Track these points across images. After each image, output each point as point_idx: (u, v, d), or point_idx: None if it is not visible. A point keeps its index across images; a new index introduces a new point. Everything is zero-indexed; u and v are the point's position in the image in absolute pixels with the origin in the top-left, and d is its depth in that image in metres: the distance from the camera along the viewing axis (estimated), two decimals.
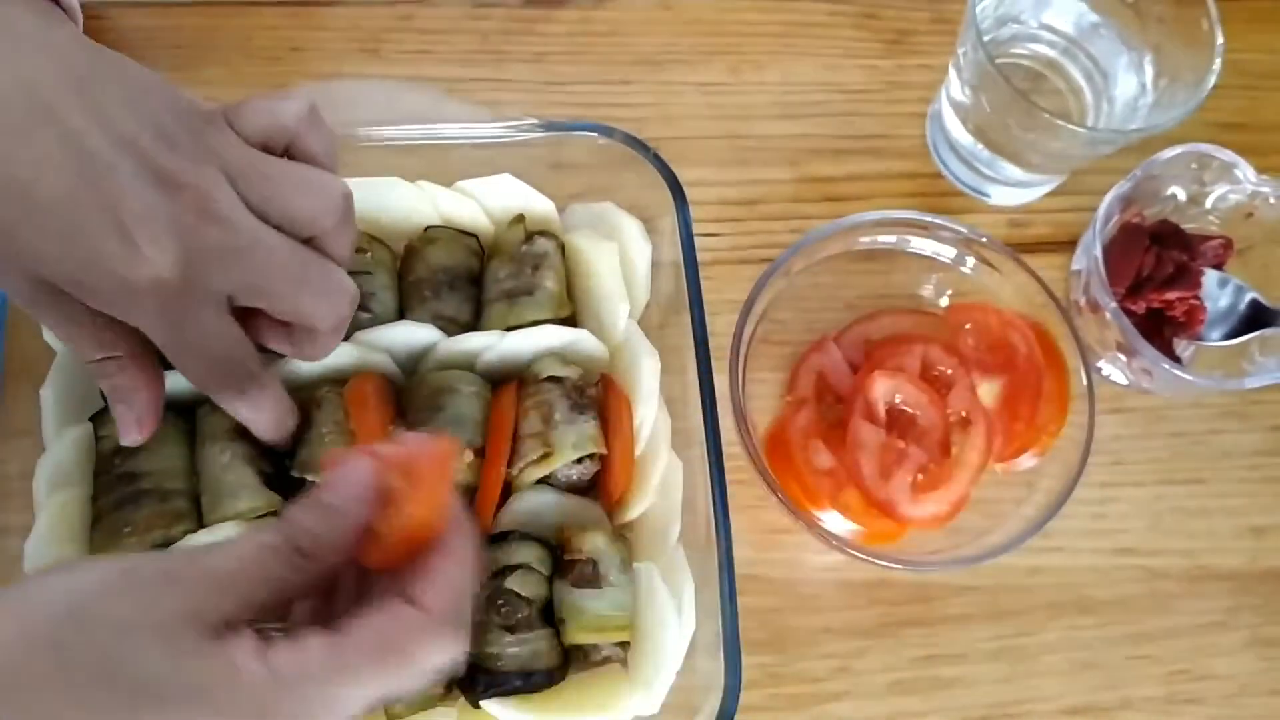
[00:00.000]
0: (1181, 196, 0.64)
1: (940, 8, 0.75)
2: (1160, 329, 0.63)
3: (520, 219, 0.59)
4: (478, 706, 0.50)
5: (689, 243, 0.55)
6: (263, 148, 0.44)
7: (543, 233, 0.59)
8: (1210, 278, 0.63)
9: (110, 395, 0.49)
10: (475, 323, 0.58)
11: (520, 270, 0.57)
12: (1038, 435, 0.61)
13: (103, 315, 0.43)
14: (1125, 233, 0.62)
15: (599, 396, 0.56)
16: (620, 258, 0.58)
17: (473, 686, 0.50)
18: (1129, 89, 0.65)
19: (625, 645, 0.52)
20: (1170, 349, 0.62)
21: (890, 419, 0.61)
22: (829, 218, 0.63)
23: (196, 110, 0.43)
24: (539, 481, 0.54)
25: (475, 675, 0.50)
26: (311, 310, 0.46)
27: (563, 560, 0.52)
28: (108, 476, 0.51)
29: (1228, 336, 0.63)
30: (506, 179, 0.58)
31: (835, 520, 0.60)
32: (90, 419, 0.53)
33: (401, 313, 0.58)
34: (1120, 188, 0.60)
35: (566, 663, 0.52)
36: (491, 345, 0.56)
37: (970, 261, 0.64)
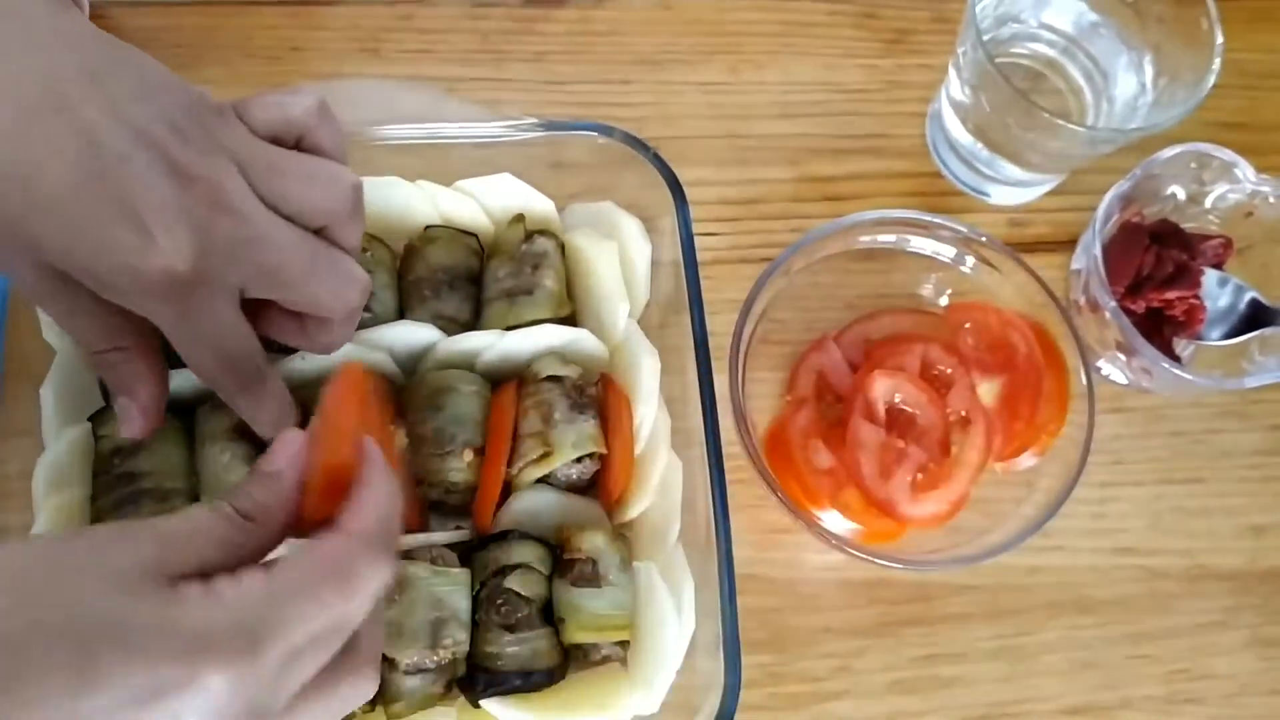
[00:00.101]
0: (1181, 196, 0.64)
1: (940, 7, 0.75)
2: (1160, 328, 0.63)
3: (520, 218, 0.59)
4: (477, 706, 0.50)
5: (689, 242, 0.55)
6: (272, 141, 0.44)
7: (542, 232, 0.59)
8: (1210, 277, 0.63)
9: (114, 387, 0.48)
10: (475, 322, 0.58)
11: (520, 270, 0.57)
12: (1037, 435, 0.61)
13: (109, 305, 0.43)
14: (1125, 232, 0.62)
15: (599, 396, 0.56)
16: (620, 257, 0.58)
17: (473, 686, 0.50)
18: (1129, 88, 0.65)
19: (625, 645, 0.52)
20: (1170, 348, 0.62)
21: (890, 418, 0.61)
22: (829, 217, 0.63)
23: (206, 103, 0.43)
24: (539, 481, 0.54)
25: (475, 675, 0.50)
26: (325, 299, 0.46)
27: (562, 559, 0.52)
28: (107, 476, 0.51)
29: (1227, 336, 0.63)
30: (506, 178, 0.58)
31: (835, 520, 0.60)
32: (90, 419, 0.53)
33: (401, 312, 0.58)
34: (1120, 187, 0.60)
35: (566, 662, 0.52)
36: (491, 345, 0.56)
37: (970, 261, 0.64)
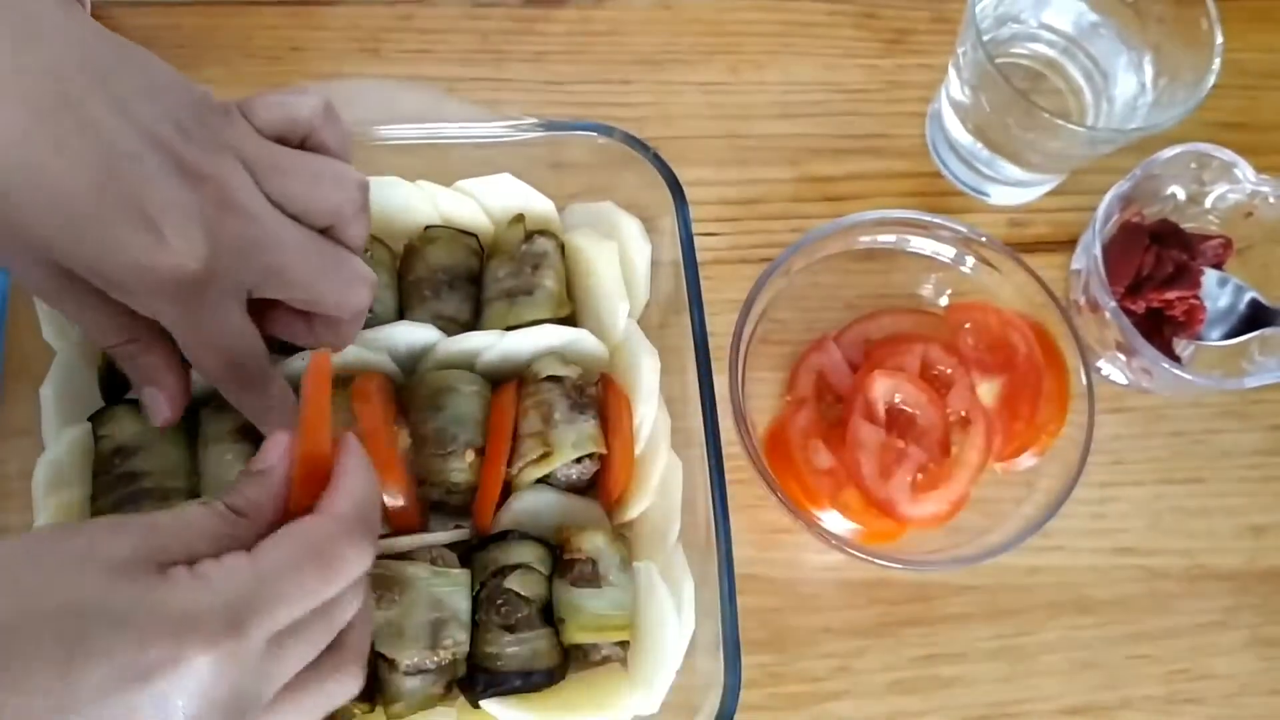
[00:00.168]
0: (1181, 196, 0.64)
1: (940, 7, 0.75)
2: (1160, 328, 0.63)
3: (520, 218, 0.59)
4: (478, 706, 0.50)
5: (689, 242, 0.55)
6: (277, 141, 0.44)
7: (542, 232, 0.59)
8: (1210, 277, 0.63)
9: (137, 378, 0.49)
10: (475, 322, 0.58)
11: (520, 270, 0.57)
12: (1037, 435, 0.61)
13: (118, 304, 0.43)
14: (1125, 232, 0.62)
15: (599, 396, 0.56)
16: (620, 257, 0.58)
17: (473, 686, 0.50)
18: (1128, 88, 0.65)
19: (625, 645, 0.52)
20: (1170, 348, 0.62)
21: (890, 418, 0.61)
22: (829, 217, 0.63)
23: (211, 102, 0.43)
24: (539, 481, 0.54)
25: (475, 675, 0.50)
26: (333, 299, 0.46)
27: (562, 560, 0.52)
28: (108, 476, 0.51)
29: (1227, 336, 0.63)
30: (506, 178, 0.58)
31: (835, 520, 0.60)
32: (90, 419, 0.53)
33: (401, 312, 0.58)
34: (1120, 187, 0.60)
35: (566, 662, 0.52)
36: (491, 345, 0.56)
37: (970, 261, 0.64)
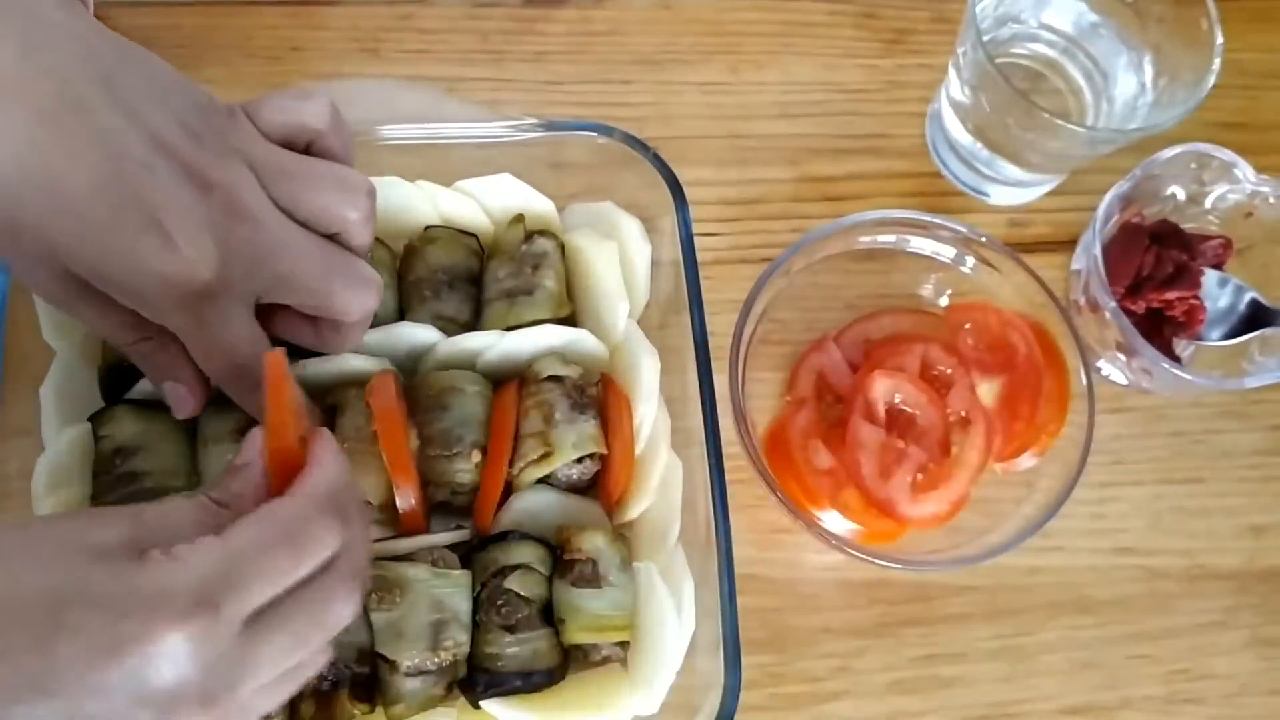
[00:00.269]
0: (1181, 196, 0.64)
1: (940, 7, 0.75)
2: (1160, 329, 0.63)
3: (520, 219, 0.59)
4: (478, 706, 0.50)
5: (689, 242, 0.55)
6: (283, 144, 0.44)
7: (542, 232, 0.59)
8: (1210, 277, 0.63)
9: (154, 374, 0.49)
10: (475, 322, 0.58)
11: (520, 270, 0.57)
12: (1037, 435, 0.61)
13: (126, 309, 0.43)
14: (1125, 232, 0.62)
15: (599, 396, 0.56)
16: (620, 257, 0.58)
17: (473, 686, 0.50)
18: (1128, 89, 0.65)
19: (625, 645, 0.52)
20: (1170, 349, 0.62)
21: (890, 419, 0.61)
22: (829, 217, 0.63)
23: (216, 105, 0.43)
24: (539, 481, 0.54)
25: (475, 675, 0.50)
26: (340, 304, 0.46)
27: (562, 560, 0.52)
28: (108, 476, 0.51)
29: (1227, 336, 0.63)
30: (506, 179, 0.58)
31: (835, 520, 0.60)
32: (90, 419, 0.53)
33: (401, 313, 0.58)
34: (1120, 187, 0.60)
35: (566, 662, 0.52)
36: (492, 345, 0.56)
37: (970, 261, 0.64)
